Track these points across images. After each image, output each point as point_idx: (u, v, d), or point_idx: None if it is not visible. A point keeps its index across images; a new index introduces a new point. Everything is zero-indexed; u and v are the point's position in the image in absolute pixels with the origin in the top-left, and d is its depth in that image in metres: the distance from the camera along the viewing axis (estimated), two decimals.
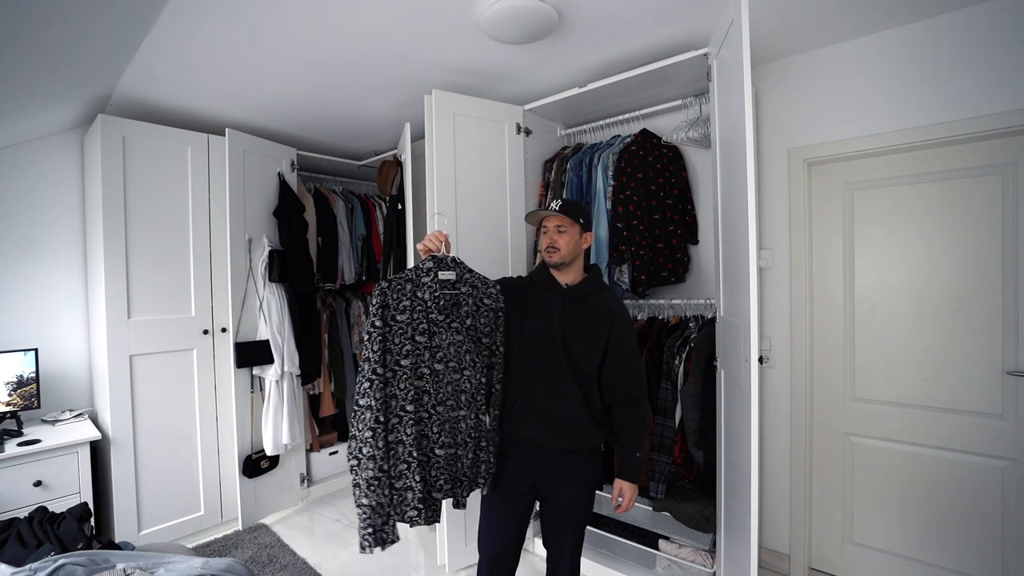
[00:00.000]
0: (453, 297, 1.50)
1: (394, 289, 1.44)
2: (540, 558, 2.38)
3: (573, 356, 1.55)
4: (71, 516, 1.72)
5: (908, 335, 2.08)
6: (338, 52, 2.06)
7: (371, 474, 1.34)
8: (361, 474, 1.34)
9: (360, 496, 1.35)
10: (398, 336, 1.42)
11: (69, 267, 2.64)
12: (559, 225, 1.59)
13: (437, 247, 1.51)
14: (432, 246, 1.50)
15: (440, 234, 1.52)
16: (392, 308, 1.42)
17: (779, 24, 1.95)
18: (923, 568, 2.05)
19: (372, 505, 1.35)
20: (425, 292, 1.46)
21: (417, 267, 1.49)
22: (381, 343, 1.39)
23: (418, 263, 1.50)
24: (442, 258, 1.51)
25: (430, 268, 1.48)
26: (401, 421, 1.41)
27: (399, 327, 1.42)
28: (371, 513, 1.36)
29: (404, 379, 1.41)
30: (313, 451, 3.34)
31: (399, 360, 1.41)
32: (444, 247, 1.52)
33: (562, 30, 1.94)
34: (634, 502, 1.62)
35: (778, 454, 2.32)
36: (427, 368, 1.45)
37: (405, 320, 1.43)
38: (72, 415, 2.46)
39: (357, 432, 1.37)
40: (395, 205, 2.88)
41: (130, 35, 1.82)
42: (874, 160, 2.11)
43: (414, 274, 1.47)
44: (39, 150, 2.56)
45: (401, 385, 1.41)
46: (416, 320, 1.44)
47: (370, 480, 1.34)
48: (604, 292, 1.65)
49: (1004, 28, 1.79)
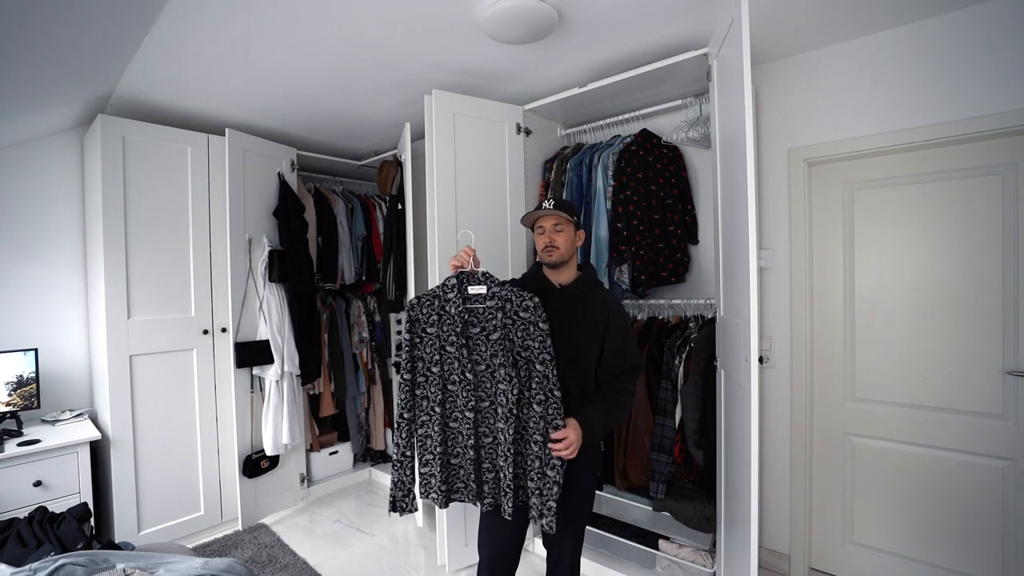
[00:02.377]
0: (483, 311, 1.54)
1: (423, 305, 1.59)
2: (540, 558, 2.38)
3: (572, 355, 1.56)
4: (71, 516, 1.71)
5: (908, 335, 2.07)
6: (338, 52, 2.06)
7: (395, 456, 1.61)
8: (395, 453, 1.62)
9: (392, 469, 1.62)
10: (428, 346, 1.59)
11: (69, 267, 2.64)
12: (556, 224, 1.60)
13: (466, 262, 1.55)
14: (460, 262, 1.56)
15: (469, 249, 1.58)
16: (422, 322, 1.59)
17: (779, 24, 1.94)
18: (923, 568, 2.05)
19: (394, 480, 1.61)
20: (451, 307, 1.55)
21: (443, 284, 1.58)
22: (409, 352, 1.59)
23: (444, 280, 1.58)
24: (471, 272, 1.56)
25: (453, 284, 1.56)
26: (431, 419, 1.59)
27: (429, 339, 1.58)
28: (393, 486, 1.61)
29: (434, 384, 1.58)
30: (313, 451, 3.34)
31: (430, 367, 1.59)
32: (472, 262, 1.56)
33: (562, 30, 1.94)
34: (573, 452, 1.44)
35: (778, 454, 2.32)
36: (458, 376, 1.57)
37: (434, 332, 1.57)
38: (72, 415, 2.46)
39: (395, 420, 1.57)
40: (395, 205, 2.88)
41: (130, 35, 1.82)
42: (874, 160, 2.11)
43: (440, 291, 1.58)
44: (39, 150, 2.56)
45: (432, 389, 1.59)
46: (445, 332, 1.56)
47: (394, 461, 1.62)
48: (598, 289, 1.66)
49: (1004, 28, 1.79)
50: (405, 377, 1.59)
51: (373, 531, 2.84)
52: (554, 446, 1.45)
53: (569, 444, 1.44)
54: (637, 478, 2.20)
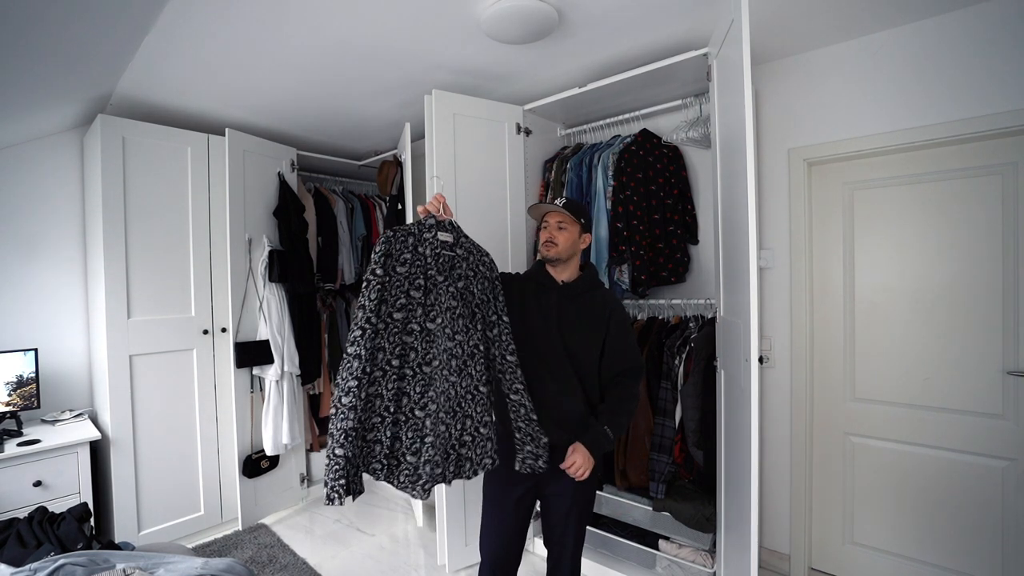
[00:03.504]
0: (450, 258, 1.49)
1: (398, 239, 1.42)
2: (540, 558, 2.38)
3: (571, 351, 1.56)
4: (71, 516, 1.71)
5: (908, 335, 2.07)
6: (338, 52, 2.06)
7: (349, 424, 1.30)
8: (338, 423, 1.31)
9: (335, 446, 1.30)
10: (395, 288, 1.40)
11: (69, 267, 2.63)
12: (560, 222, 1.60)
13: (437, 209, 1.50)
14: (432, 208, 1.50)
15: (440, 196, 1.52)
16: (394, 258, 1.40)
17: (779, 24, 1.95)
18: (923, 568, 2.05)
19: (347, 456, 1.30)
20: (426, 248, 1.45)
21: (419, 222, 1.47)
22: (379, 292, 1.37)
23: (419, 219, 1.49)
24: (440, 220, 1.50)
25: (431, 225, 1.47)
26: (385, 375, 1.38)
27: (397, 279, 1.41)
28: (345, 463, 1.30)
29: (394, 332, 1.39)
30: (313, 451, 3.34)
31: (392, 313, 1.39)
32: (443, 209, 1.51)
33: (562, 30, 1.94)
34: (585, 473, 1.47)
35: (778, 454, 2.32)
36: (418, 325, 1.42)
37: (404, 273, 1.41)
38: (72, 415, 2.46)
39: (341, 380, 1.34)
40: (395, 205, 2.88)
41: (130, 35, 1.81)
42: (874, 160, 2.11)
43: (416, 228, 1.46)
44: (39, 150, 2.55)
45: (391, 339, 1.39)
46: (414, 274, 1.42)
47: (347, 431, 1.30)
48: (599, 289, 1.66)
49: (1004, 28, 1.79)
50: (371, 321, 1.35)
51: (373, 531, 2.84)
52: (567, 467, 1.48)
53: (577, 468, 1.47)
54: (637, 478, 2.20)
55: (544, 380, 1.56)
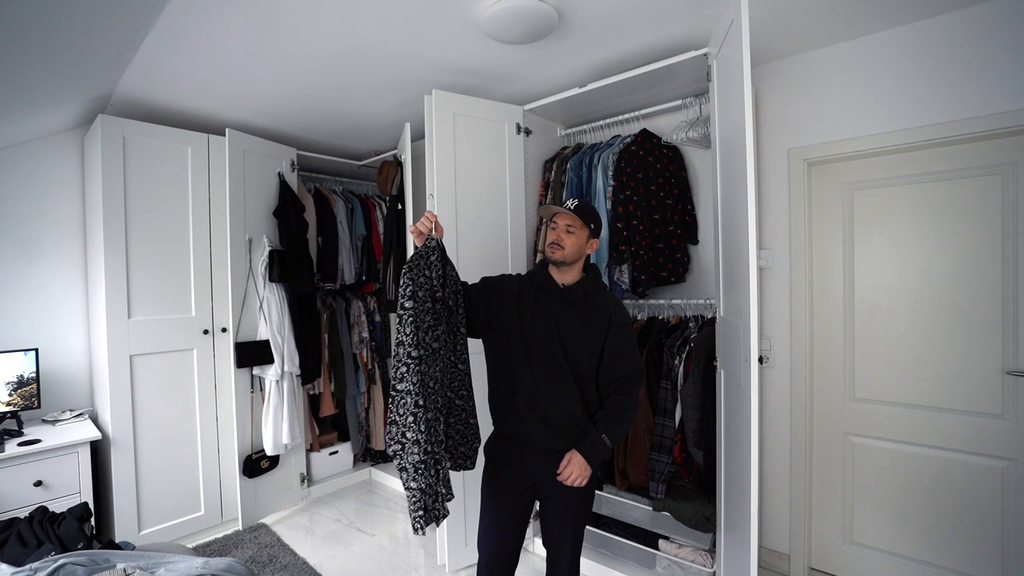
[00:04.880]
0: (441, 276, 1.49)
1: (420, 270, 1.42)
2: (540, 558, 2.38)
3: (570, 354, 1.55)
4: (71, 516, 1.72)
5: (908, 335, 2.08)
6: (338, 52, 2.06)
7: (417, 458, 1.32)
8: (407, 458, 1.33)
9: (408, 480, 1.33)
10: (424, 315, 1.39)
11: (69, 267, 2.64)
12: (569, 225, 1.57)
13: (428, 228, 1.49)
14: (423, 228, 1.48)
15: (431, 215, 1.51)
16: (417, 285, 1.40)
17: (779, 24, 1.95)
18: (923, 568, 2.05)
19: (422, 488, 1.33)
20: (432, 271, 1.45)
21: (426, 246, 1.47)
22: (413, 325, 1.35)
23: (427, 242, 1.47)
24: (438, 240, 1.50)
25: (434, 247, 1.47)
26: (435, 403, 1.42)
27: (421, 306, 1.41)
28: (421, 496, 1.33)
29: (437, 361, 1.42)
30: (313, 451, 3.34)
31: (430, 342, 1.41)
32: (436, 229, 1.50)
33: (562, 30, 1.94)
34: (582, 482, 1.49)
35: (778, 454, 2.32)
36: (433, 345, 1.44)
37: (423, 297, 1.42)
38: (72, 415, 2.46)
39: (397, 417, 1.35)
40: (395, 205, 2.88)
41: (130, 35, 1.82)
42: (874, 160, 2.11)
43: (424, 252, 1.46)
44: (39, 150, 2.56)
45: (439, 365, 1.43)
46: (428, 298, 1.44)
47: (416, 464, 1.32)
48: (601, 293, 1.64)
49: (1003, 28, 1.79)
50: (412, 356, 1.34)
51: (373, 531, 2.84)
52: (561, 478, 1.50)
53: (573, 479, 1.49)
54: (637, 478, 2.20)
55: (541, 384, 1.55)
